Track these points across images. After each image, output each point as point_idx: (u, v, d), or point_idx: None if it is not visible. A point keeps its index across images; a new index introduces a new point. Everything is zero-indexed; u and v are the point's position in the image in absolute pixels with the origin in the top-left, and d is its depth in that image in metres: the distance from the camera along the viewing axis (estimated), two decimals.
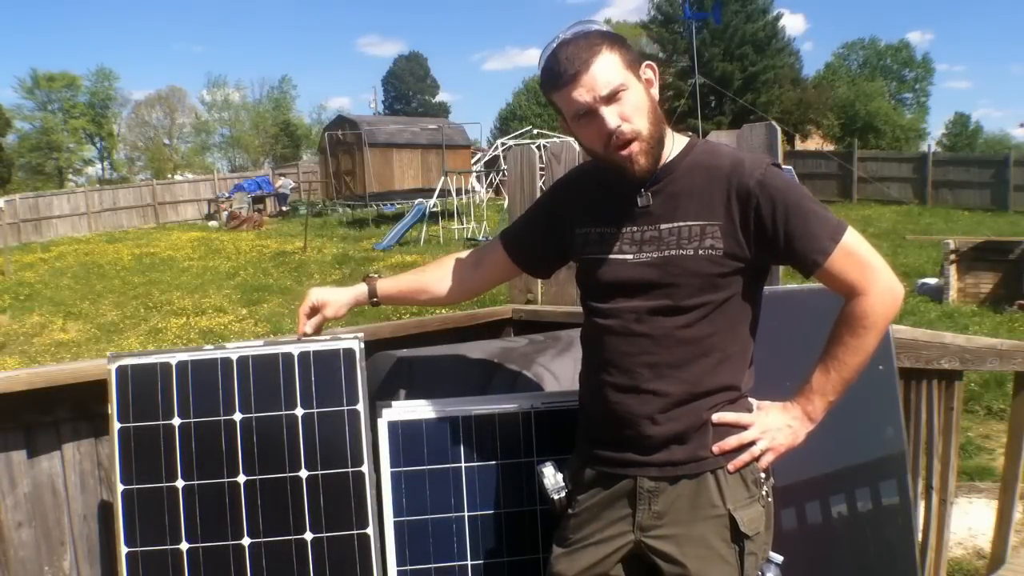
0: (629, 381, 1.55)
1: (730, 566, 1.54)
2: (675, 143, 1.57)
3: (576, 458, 1.70)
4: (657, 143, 1.50)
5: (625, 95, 1.45)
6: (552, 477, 1.68)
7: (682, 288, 1.51)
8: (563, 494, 1.67)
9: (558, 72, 1.45)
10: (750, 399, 1.62)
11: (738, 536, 1.53)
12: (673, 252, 1.51)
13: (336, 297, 1.87)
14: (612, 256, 1.57)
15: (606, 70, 1.43)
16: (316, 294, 1.87)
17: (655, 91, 1.53)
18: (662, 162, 1.54)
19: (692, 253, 1.50)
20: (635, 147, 1.47)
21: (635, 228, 1.55)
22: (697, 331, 1.53)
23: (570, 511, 1.66)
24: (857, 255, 1.48)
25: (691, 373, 1.53)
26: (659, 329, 1.52)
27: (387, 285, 1.89)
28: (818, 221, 1.48)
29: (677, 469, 1.54)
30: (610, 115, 1.44)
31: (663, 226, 1.53)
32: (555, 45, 1.47)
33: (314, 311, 1.88)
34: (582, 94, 1.44)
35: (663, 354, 1.53)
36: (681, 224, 1.52)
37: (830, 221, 1.48)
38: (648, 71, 1.53)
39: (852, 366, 1.51)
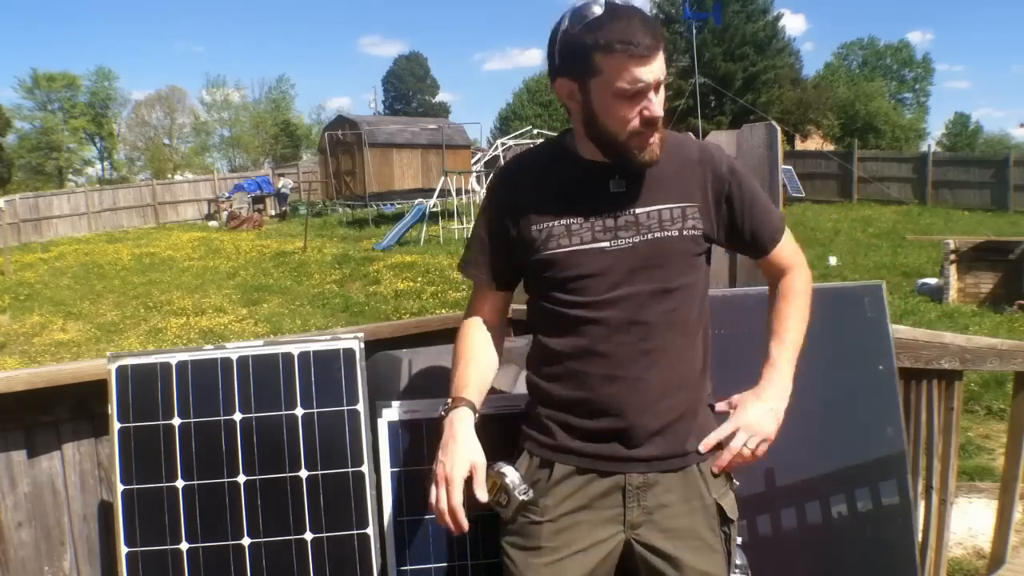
0: (621, 370, 1.52)
1: (718, 554, 1.56)
2: None
3: (535, 457, 1.59)
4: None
5: (662, 91, 1.46)
6: (516, 475, 1.53)
7: (667, 270, 1.53)
8: (530, 494, 1.53)
9: (633, 40, 1.37)
10: (722, 401, 1.65)
11: (725, 522, 1.57)
12: (656, 235, 1.52)
13: (474, 453, 1.53)
14: (587, 246, 1.52)
15: (663, 64, 1.44)
16: (461, 466, 1.51)
17: None
18: None
19: (677, 234, 1.53)
20: (657, 137, 1.48)
21: (606, 216, 1.52)
22: (683, 314, 1.55)
23: (536, 516, 1.54)
24: (790, 239, 1.68)
25: (680, 358, 1.55)
26: (651, 315, 1.52)
27: (472, 395, 1.61)
28: (770, 209, 1.65)
29: (665, 463, 1.54)
30: (658, 102, 1.45)
31: (639, 211, 1.52)
32: (624, 7, 1.42)
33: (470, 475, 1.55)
34: (648, 73, 1.40)
35: (655, 340, 1.53)
36: (661, 207, 1.53)
37: (776, 209, 1.69)
38: None
39: (802, 331, 1.66)
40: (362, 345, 1.89)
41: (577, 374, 1.54)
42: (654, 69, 1.40)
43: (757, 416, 1.58)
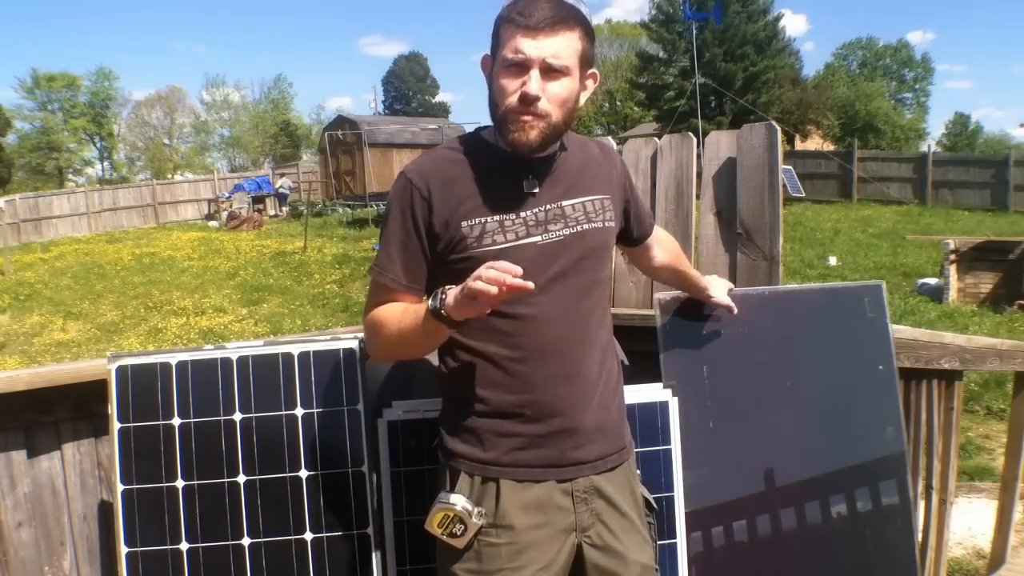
0: (565, 366, 1.48)
1: (649, 544, 1.62)
2: None
3: (475, 476, 1.50)
4: (554, 134, 1.45)
5: (561, 80, 1.41)
6: (466, 501, 1.44)
7: (595, 261, 1.55)
8: (484, 517, 1.46)
9: (527, 12, 1.38)
10: None
11: (651, 512, 1.65)
12: (585, 227, 1.52)
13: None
14: (522, 242, 1.46)
15: (564, 47, 1.40)
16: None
17: (584, 96, 1.50)
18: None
19: (601, 226, 1.55)
20: (537, 123, 1.41)
21: (534, 210, 1.48)
22: (604, 307, 1.59)
23: (493, 539, 1.47)
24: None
25: (606, 352, 1.58)
26: (585, 308, 1.53)
27: None
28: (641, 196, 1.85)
29: (607, 462, 1.55)
30: (538, 82, 1.39)
31: (564, 203, 1.51)
32: None
33: None
34: (532, 47, 1.38)
35: (590, 333, 1.53)
36: (585, 199, 1.54)
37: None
38: (591, 78, 1.50)
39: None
40: (362, 345, 1.89)
41: (521, 375, 1.47)
42: (541, 46, 1.38)
43: (723, 286, 2.04)
